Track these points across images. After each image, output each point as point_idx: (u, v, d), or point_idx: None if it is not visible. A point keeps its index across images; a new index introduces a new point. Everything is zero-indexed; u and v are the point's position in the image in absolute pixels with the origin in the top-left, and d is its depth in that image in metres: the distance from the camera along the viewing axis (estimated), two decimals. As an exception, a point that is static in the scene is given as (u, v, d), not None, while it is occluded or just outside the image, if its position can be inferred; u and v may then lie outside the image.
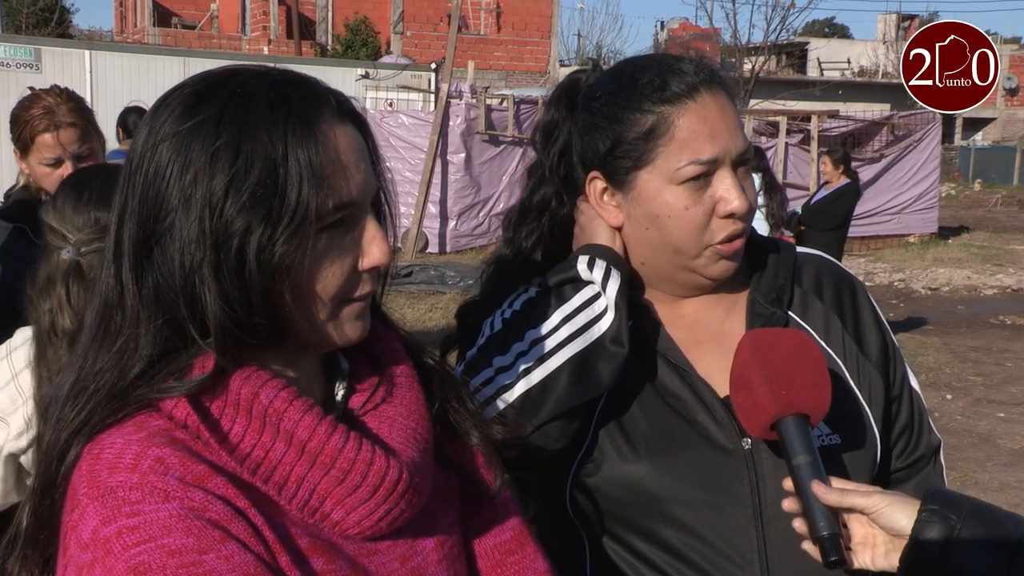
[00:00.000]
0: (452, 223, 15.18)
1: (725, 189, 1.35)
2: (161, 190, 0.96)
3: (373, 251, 1.03)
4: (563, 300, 1.39)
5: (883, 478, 1.52)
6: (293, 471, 0.96)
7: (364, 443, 0.99)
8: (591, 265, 1.39)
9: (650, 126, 1.36)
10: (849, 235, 10.09)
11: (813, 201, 9.56)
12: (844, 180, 9.45)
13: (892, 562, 1.18)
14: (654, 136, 1.36)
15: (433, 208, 14.89)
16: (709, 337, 1.45)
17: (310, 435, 0.96)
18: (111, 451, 0.93)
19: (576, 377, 1.34)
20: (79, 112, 2.94)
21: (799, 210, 9.68)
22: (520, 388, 1.34)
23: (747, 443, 1.37)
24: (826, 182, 9.71)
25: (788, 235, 8.49)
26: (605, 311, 1.37)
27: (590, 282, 1.38)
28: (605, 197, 1.44)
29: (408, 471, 1.01)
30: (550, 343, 1.36)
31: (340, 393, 1.10)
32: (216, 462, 0.95)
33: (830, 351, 1.46)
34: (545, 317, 1.38)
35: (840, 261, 9.31)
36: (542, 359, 1.35)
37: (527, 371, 1.35)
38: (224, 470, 0.95)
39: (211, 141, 0.96)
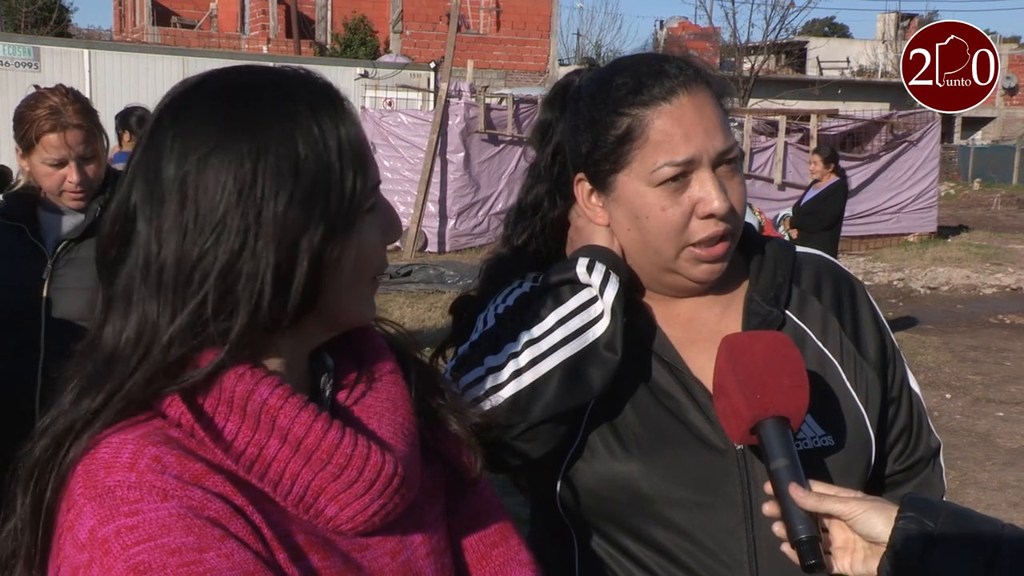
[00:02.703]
0: (451, 222, 15.18)
1: (704, 190, 1.34)
2: (215, 201, 0.95)
3: (394, 224, 1.08)
4: (560, 302, 1.38)
5: (879, 480, 1.51)
6: (287, 468, 0.96)
7: (359, 438, 0.99)
8: (591, 268, 1.38)
9: (625, 129, 1.36)
10: (848, 234, 10.05)
11: (803, 202, 9.42)
12: (833, 178, 9.32)
13: (870, 568, 1.17)
14: (629, 139, 1.35)
15: (432, 207, 14.89)
16: (704, 336, 1.44)
17: (306, 432, 0.96)
18: (107, 450, 0.92)
19: (567, 382, 1.33)
20: (85, 113, 2.94)
21: (790, 211, 9.62)
22: (510, 390, 1.33)
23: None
24: (815, 181, 9.63)
25: (780, 233, 8.50)
26: (601, 316, 1.36)
27: (588, 285, 1.38)
28: (592, 198, 1.43)
29: (402, 465, 1.02)
30: (543, 345, 1.35)
31: (328, 389, 1.10)
32: (211, 460, 0.94)
33: (827, 351, 1.45)
34: (540, 318, 1.37)
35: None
36: (534, 361, 1.34)
37: (518, 373, 1.34)
38: (220, 468, 0.94)
39: (258, 148, 0.96)
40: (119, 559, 0.86)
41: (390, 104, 17.02)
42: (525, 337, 1.36)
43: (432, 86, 18.02)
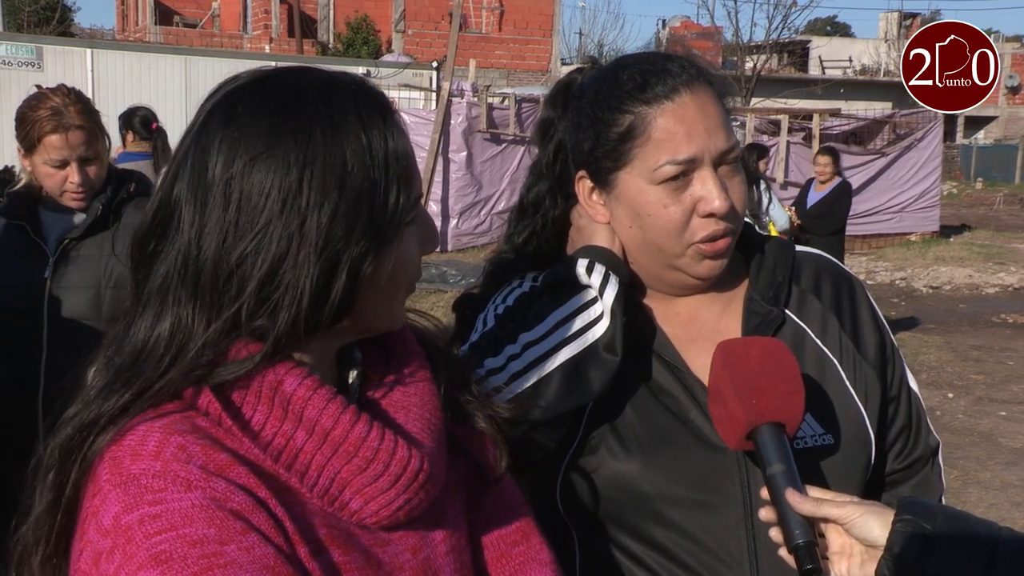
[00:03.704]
0: (454, 222, 15.18)
1: (705, 189, 1.34)
2: (259, 207, 0.95)
3: (432, 234, 1.09)
4: (559, 303, 1.38)
5: (878, 479, 1.51)
6: (314, 459, 0.96)
7: (386, 432, 0.99)
8: (590, 269, 1.38)
9: (628, 126, 1.36)
10: (850, 234, 10.05)
11: (809, 205, 9.34)
12: (837, 179, 9.34)
13: (867, 572, 1.17)
14: (631, 136, 1.36)
15: (435, 206, 14.88)
16: (704, 335, 1.44)
17: (334, 423, 0.97)
18: (133, 437, 0.93)
19: (567, 384, 1.34)
20: (87, 114, 2.94)
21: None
22: (510, 393, 1.33)
23: None
24: (811, 180, 9.57)
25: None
26: (601, 316, 1.36)
27: (588, 286, 1.38)
28: (593, 196, 1.44)
29: (428, 460, 1.02)
30: (543, 347, 1.35)
31: (356, 383, 1.10)
32: (238, 450, 0.95)
33: (826, 350, 1.46)
34: (540, 319, 1.37)
35: (842, 262, 9.61)
36: (534, 363, 1.35)
37: (518, 375, 1.34)
38: (246, 458, 0.95)
39: (306, 157, 0.96)
40: (141, 547, 0.87)
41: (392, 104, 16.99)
42: (525, 339, 1.36)
43: (434, 85, 18.01)
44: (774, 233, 8.14)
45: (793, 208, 9.10)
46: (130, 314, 1.01)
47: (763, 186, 8.28)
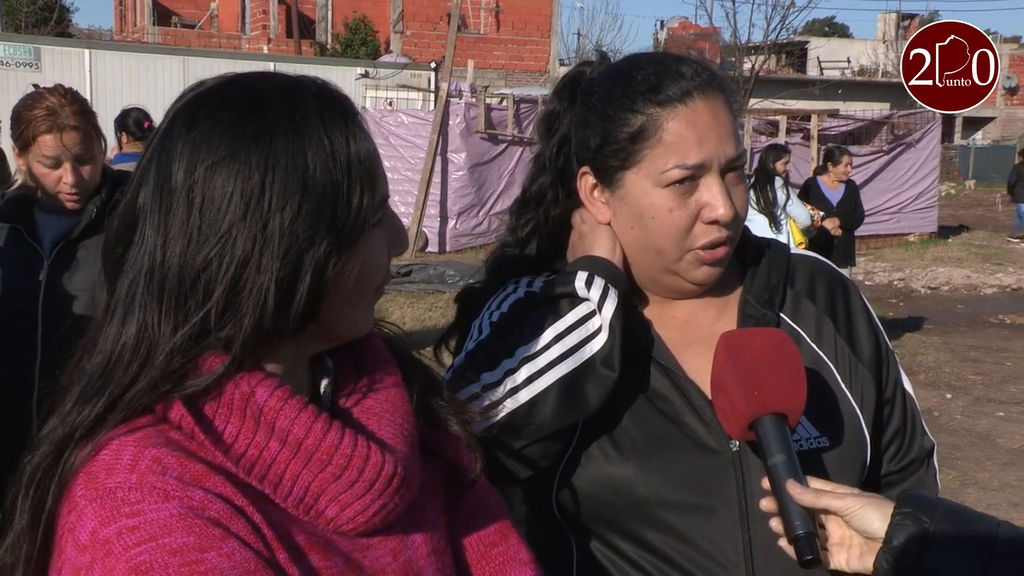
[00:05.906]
0: (452, 222, 15.18)
1: (711, 195, 1.34)
2: (221, 211, 0.95)
3: (401, 236, 1.09)
4: (557, 316, 1.37)
5: (874, 481, 1.51)
6: (287, 469, 0.96)
7: (359, 439, 1.00)
8: (589, 282, 1.37)
9: (639, 127, 1.35)
10: (848, 234, 10.19)
11: (836, 203, 9.45)
12: (844, 177, 9.55)
13: (866, 564, 1.18)
14: (642, 138, 1.35)
15: (433, 207, 14.89)
16: (700, 338, 1.43)
17: (306, 433, 0.97)
18: (107, 452, 0.92)
19: (563, 399, 1.33)
20: (82, 115, 2.93)
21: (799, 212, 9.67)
22: (506, 408, 1.32)
23: (735, 445, 1.36)
24: (812, 179, 9.74)
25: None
26: (599, 330, 1.35)
27: (586, 299, 1.37)
28: (595, 193, 1.43)
29: (402, 465, 1.02)
30: (540, 362, 1.34)
31: (327, 390, 1.10)
32: (212, 461, 0.95)
33: (821, 353, 1.45)
34: (537, 333, 1.36)
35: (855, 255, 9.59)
36: (531, 379, 1.34)
37: (515, 391, 1.33)
38: (221, 469, 0.95)
39: (267, 160, 0.96)
40: (121, 560, 0.86)
41: (391, 104, 17.02)
42: (522, 353, 1.35)
43: (433, 86, 18.04)
44: (795, 230, 8.23)
45: (811, 207, 9.16)
46: (99, 322, 1.00)
47: (779, 183, 8.37)
